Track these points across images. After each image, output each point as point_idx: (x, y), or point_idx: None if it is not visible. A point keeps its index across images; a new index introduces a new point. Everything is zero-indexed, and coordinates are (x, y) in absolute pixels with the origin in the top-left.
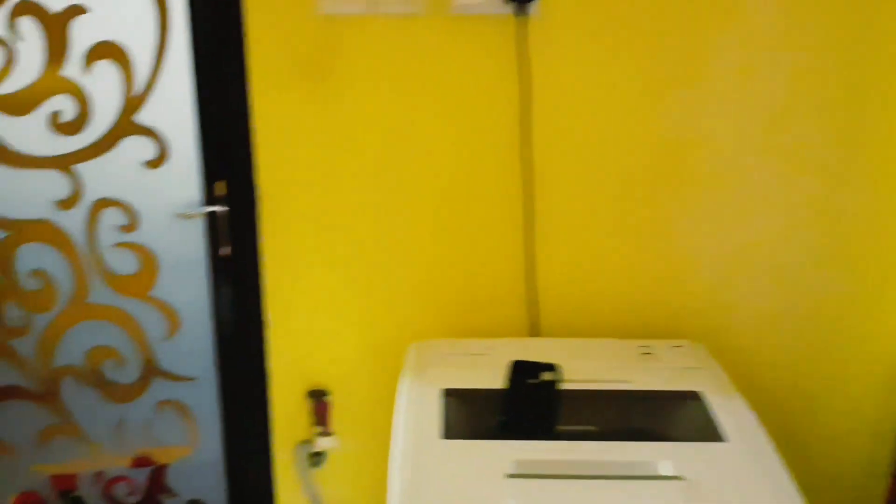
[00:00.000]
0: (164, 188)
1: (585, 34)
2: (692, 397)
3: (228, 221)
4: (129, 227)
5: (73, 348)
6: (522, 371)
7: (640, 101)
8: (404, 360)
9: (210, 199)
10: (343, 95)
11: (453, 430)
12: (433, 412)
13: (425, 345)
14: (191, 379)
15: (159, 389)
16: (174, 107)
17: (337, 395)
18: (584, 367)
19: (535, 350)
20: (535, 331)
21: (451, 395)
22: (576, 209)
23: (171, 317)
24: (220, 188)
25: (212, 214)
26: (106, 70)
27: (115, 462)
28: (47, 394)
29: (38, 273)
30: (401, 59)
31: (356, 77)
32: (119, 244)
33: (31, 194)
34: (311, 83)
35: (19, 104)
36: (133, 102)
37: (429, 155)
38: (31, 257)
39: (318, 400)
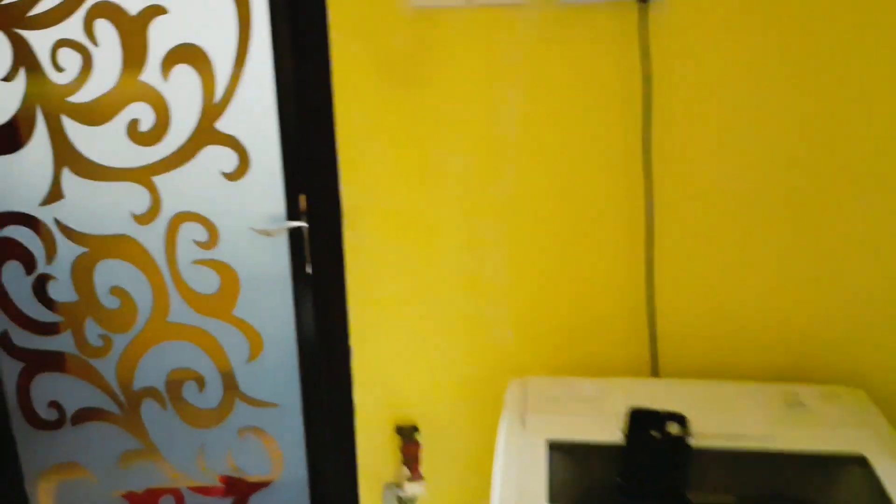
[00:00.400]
0: (244, 201)
1: (718, 23)
2: (854, 461)
3: (311, 237)
4: (209, 243)
5: (154, 370)
6: (643, 422)
7: (785, 102)
8: (503, 400)
9: (293, 213)
10: (434, 100)
11: (561, 493)
12: (538, 470)
13: (527, 382)
14: (273, 405)
15: (241, 415)
16: (255, 114)
17: (427, 432)
18: (718, 419)
19: (656, 394)
20: (654, 370)
21: (559, 449)
22: (704, 227)
23: (253, 338)
24: (303, 201)
25: (295, 230)
26: (185, 75)
27: (196, 489)
28: (128, 416)
29: (117, 291)
30: (501, 56)
31: (449, 79)
32: (199, 261)
33: (110, 208)
34: (398, 87)
35: (97, 113)
36: (213, 110)
37: (533, 166)
38: (110, 274)
39: (408, 437)
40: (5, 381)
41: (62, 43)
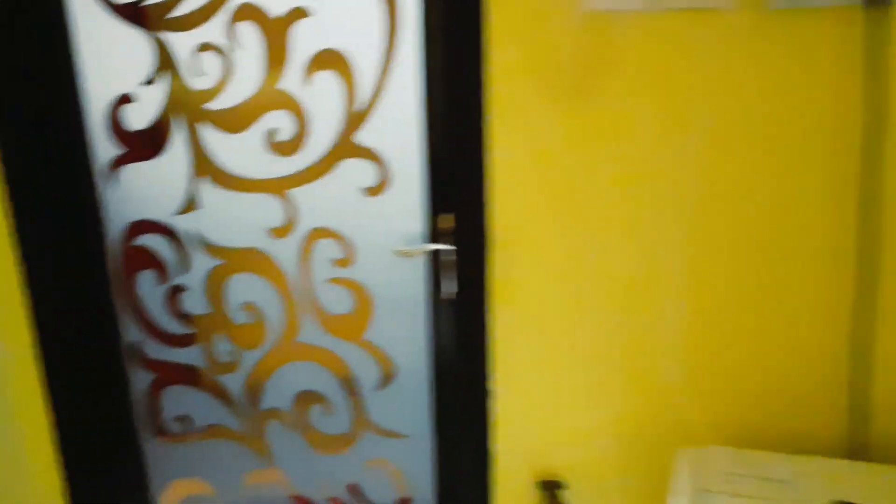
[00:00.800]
0: (383, 219)
1: None
2: None
3: (454, 261)
4: (345, 261)
5: (281, 390)
6: None
7: None
8: (670, 470)
9: (434, 233)
10: (602, 117)
11: None
12: None
13: (700, 454)
14: (402, 436)
15: (368, 444)
16: (399, 126)
17: (575, 491)
18: None
19: (862, 482)
20: (860, 450)
21: None
22: None
23: (385, 365)
24: (446, 221)
25: (434, 252)
26: (327, 82)
27: None
28: (252, 435)
29: (248, 306)
30: (691, 68)
31: (622, 93)
32: (333, 279)
33: (244, 220)
34: (561, 100)
35: (235, 120)
36: (354, 120)
37: (721, 198)
38: (242, 288)
39: (552, 494)
40: (136, 391)
41: (204, 47)
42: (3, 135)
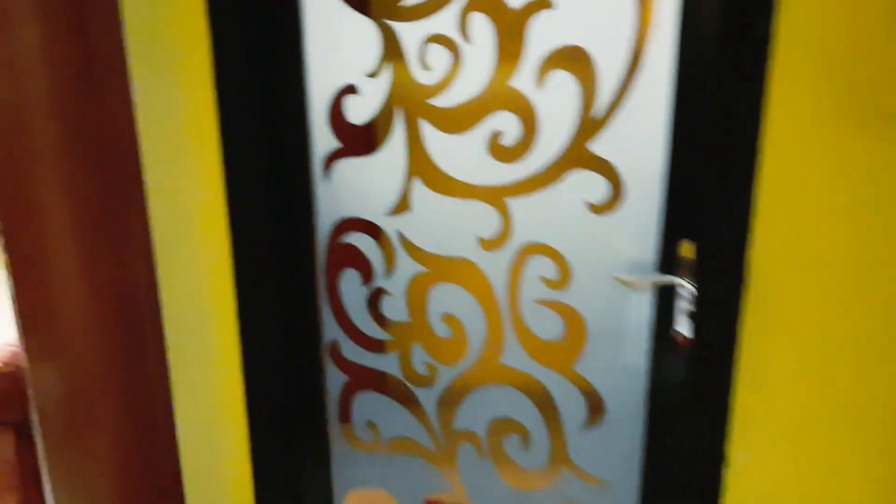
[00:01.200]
0: (609, 240)
1: None
2: None
3: (693, 298)
4: (559, 283)
5: (477, 412)
6: None
7: None
8: None
9: (668, 262)
10: None
11: None
12: None
13: None
14: (605, 483)
15: (565, 485)
16: (639, 138)
17: None
18: None
19: None
20: None
21: None
22: None
23: (594, 402)
24: (687, 250)
25: (667, 285)
26: (562, 83)
27: None
28: (442, 456)
29: (450, 319)
30: None
31: None
32: (544, 301)
33: (455, 228)
34: (867, 124)
35: (458, 120)
36: (589, 127)
37: None
38: (445, 299)
39: None
40: (330, 392)
41: (433, 38)
42: (225, 117)
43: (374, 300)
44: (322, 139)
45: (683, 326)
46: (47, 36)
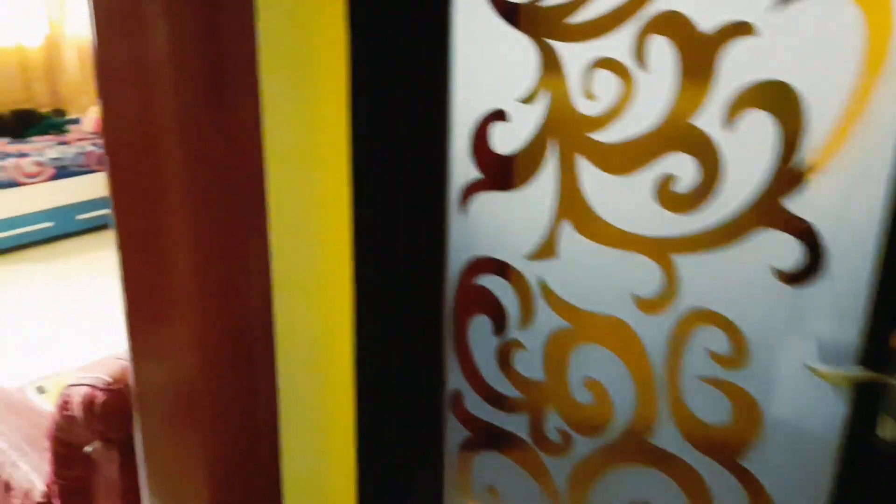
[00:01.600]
0: (799, 318)
1: None
2: None
3: None
4: (733, 361)
5: (614, 494)
6: None
7: None
8: None
9: (873, 354)
10: None
11: None
12: None
13: None
14: None
15: None
16: (850, 197)
17: None
18: None
19: None
20: None
21: None
22: None
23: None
24: None
25: (870, 384)
26: (758, 124)
27: None
28: None
29: (593, 384)
30: None
31: None
32: (709, 379)
33: (607, 281)
34: None
35: (623, 158)
36: (787, 179)
37: None
38: (589, 361)
39: None
40: (448, 445)
41: (602, 62)
42: (357, 135)
43: (506, 352)
44: (461, 168)
45: (889, 432)
46: (176, 38)
